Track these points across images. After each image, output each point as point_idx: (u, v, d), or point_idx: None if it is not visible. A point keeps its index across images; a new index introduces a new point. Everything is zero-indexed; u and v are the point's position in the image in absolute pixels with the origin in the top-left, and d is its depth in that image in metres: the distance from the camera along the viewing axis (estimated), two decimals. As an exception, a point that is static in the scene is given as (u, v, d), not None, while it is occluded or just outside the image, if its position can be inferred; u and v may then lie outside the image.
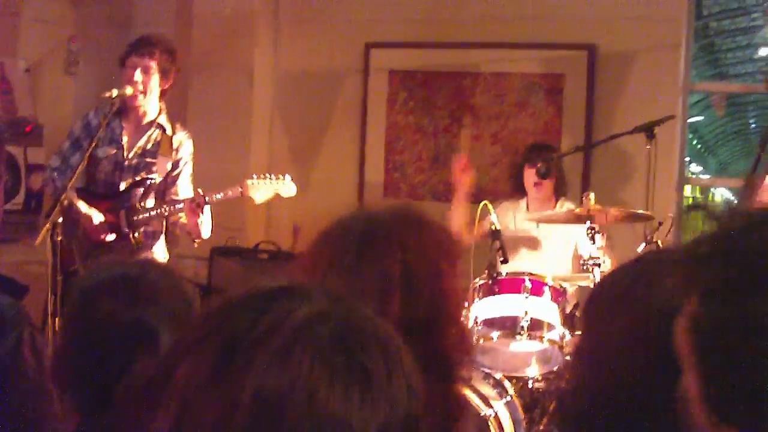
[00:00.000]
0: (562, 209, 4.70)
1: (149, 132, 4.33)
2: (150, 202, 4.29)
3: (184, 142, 4.38)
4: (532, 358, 4.00)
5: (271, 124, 6.27)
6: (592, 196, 4.15)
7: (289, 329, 0.81)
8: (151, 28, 5.37)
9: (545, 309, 3.96)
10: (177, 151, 4.34)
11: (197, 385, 0.80)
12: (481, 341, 3.85)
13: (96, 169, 4.31)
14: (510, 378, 3.75)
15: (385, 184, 6.05)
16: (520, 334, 3.87)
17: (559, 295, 4.03)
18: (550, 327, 3.93)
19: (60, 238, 3.82)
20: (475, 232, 4.06)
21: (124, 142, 4.32)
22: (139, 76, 4.19)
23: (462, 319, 1.66)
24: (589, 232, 4.07)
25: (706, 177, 20.73)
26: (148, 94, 4.25)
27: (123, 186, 4.29)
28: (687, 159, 6.29)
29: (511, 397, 3.43)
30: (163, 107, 4.36)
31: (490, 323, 3.90)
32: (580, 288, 4.53)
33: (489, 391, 3.41)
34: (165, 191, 4.34)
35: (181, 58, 4.44)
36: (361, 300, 0.90)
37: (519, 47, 5.79)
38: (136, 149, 4.32)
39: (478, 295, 3.94)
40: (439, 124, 5.95)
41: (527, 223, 4.84)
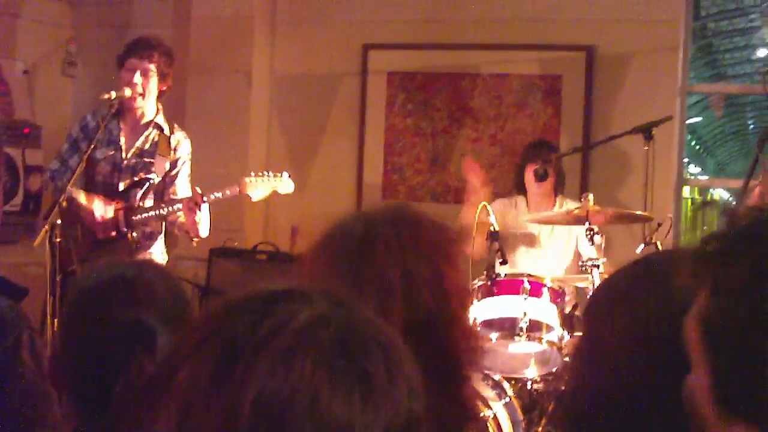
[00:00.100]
0: (562, 209, 4.71)
1: (147, 132, 4.34)
2: (148, 203, 4.29)
3: (182, 142, 4.38)
4: (531, 359, 4.00)
5: (269, 125, 6.27)
6: (591, 197, 4.15)
7: (290, 333, 0.80)
8: (150, 30, 5.36)
9: (544, 310, 3.96)
10: (175, 151, 4.35)
11: (198, 389, 0.80)
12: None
13: (94, 170, 4.31)
14: (509, 379, 3.75)
15: (383, 185, 6.05)
16: (519, 335, 3.87)
17: (557, 296, 4.03)
18: (549, 328, 3.93)
19: (58, 240, 3.83)
20: (473, 246, 4.06)
21: (122, 143, 4.32)
22: (138, 78, 4.20)
23: (468, 317, 1.65)
24: (588, 233, 4.07)
25: (704, 178, 20.75)
26: (147, 96, 4.26)
27: (121, 187, 4.29)
28: (685, 160, 6.29)
29: (510, 398, 3.44)
30: (160, 107, 4.37)
31: (488, 324, 3.90)
32: (578, 289, 4.54)
33: (488, 392, 3.41)
34: (163, 191, 4.34)
35: (178, 60, 4.45)
36: (362, 302, 0.90)
37: (517, 48, 5.80)
38: (134, 150, 4.32)
39: (477, 297, 3.94)
40: (437, 125, 5.95)
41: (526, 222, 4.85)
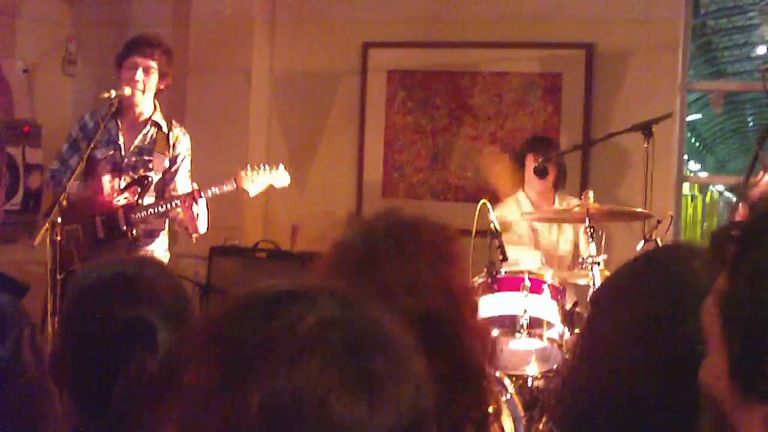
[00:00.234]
0: (562, 206, 4.72)
1: (145, 130, 4.34)
2: (149, 200, 4.29)
3: (181, 138, 4.39)
4: (532, 356, 4.00)
5: (269, 124, 6.27)
6: (591, 194, 4.15)
7: (297, 335, 0.80)
8: (149, 29, 5.36)
9: (544, 307, 3.96)
10: (174, 148, 4.35)
11: (205, 390, 0.80)
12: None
13: (95, 170, 4.32)
14: (509, 376, 3.74)
15: (383, 183, 6.05)
16: (520, 332, 3.87)
17: (558, 293, 4.04)
18: (550, 325, 3.93)
19: (59, 238, 3.83)
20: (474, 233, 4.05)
21: (121, 142, 4.33)
22: (140, 75, 4.21)
23: (477, 314, 1.65)
24: (588, 231, 4.07)
25: (704, 175, 20.74)
26: (146, 93, 4.27)
27: (122, 185, 4.30)
28: (685, 157, 6.29)
29: (510, 395, 3.43)
30: (157, 105, 4.37)
31: (489, 321, 3.90)
32: (579, 286, 4.54)
33: (492, 390, 3.40)
34: (164, 188, 4.35)
35: (178, 60, 4.46)
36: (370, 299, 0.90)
37: (517, 47, 5.80)
38: (132, 148, 4.33)
39: (478, 294, 3.94)
40: (437, 123, 5.95)
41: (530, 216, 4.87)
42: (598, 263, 3.97)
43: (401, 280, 1.51)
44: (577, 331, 4.14)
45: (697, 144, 19.44)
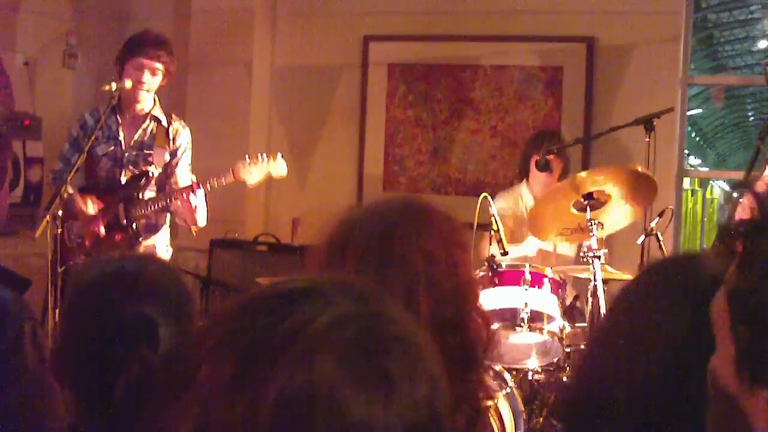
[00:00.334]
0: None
1: (144, 125, 4.35)
2: (150, 194, 4.30)
3: (181, 131, 4.39)
4: (532, 349, 4.00)
5: (270, 118, 6.27)
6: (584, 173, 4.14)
7: (311, 333, 0.80)
8: (149, 23, 5.36)
9: (545, 301, 3.96)
10: (174, 141, 4.36)
11: (220, 388, 0.79)
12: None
13: (97, 166, 4.34)
14: (510, 370, 3.74)
15: (384, 177, 6.05)
16: (520, 325, 3.87)
17: (558, 286, 4.04)
18: (550, 319, 3.93)
19: (60, 231, 3.84)
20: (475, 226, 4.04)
21: (121, 137, 4.33)
22: (147, 77, 4.22)
23: (481, 306, 1.65)
24: (589, 223, 4.07)
25: (704, 169, 20.73)
26: (150, 92, 4.29)
27: (123, 180, 4.30)
28: (685, 151, 6.29)
29: (510, 388, 3.43)
30: (156, 99, 4.38)
31: (490, 314, 3.90)
32: (579, 280, 4.54)
33: (489, 382, 3.41)
34: (165, 182, 4.35)
35: (179, 53, 4.45)
36: (387, 294, 0.89)
37: (518, 40, 5.79)
38: (132, 143, 4.33)
39: (480, 286, 3.94)
40: (438, 117, 5.95)
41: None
42: (599, 257, 3.97)
43: (419, 253, 1.51)
44: (578, 324, 4.15)
45: (697, 138, 19.44)
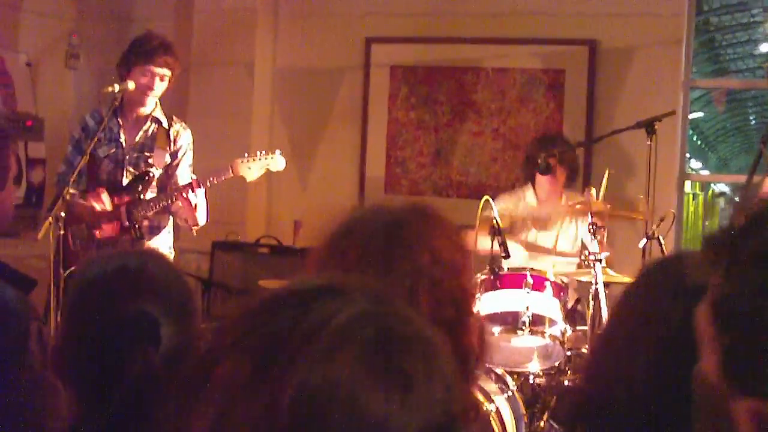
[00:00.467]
0: (564, 206, 4.71)
1: (145, 126, 4.35)
2: (150, 195, 4.30)
3: (181, 133, 4.39)
4: (534, 353, 4.00)
5: (272, 119, 6.27)
6: (594, 191, 4.15)
7: (330, 332, 0.80)
8: (152, 23, 5.37)
9: (547, 304, 3.96)
10: (174, 142, 4.36)
11: (238, 384, 0.80)
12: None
13: (99, 168, 4.34)
14: (511, 373, 3.74)
15: (386, 179, 6.05)
16: (522, 329, 3.87)
17: (560, 290, 4.04)
18: (552, 322, 3.93)
19: (62, 232, 3.84)
20: (476, 231, 4.04)
21: (122, 139, 4.34)
22: (157, 83, 4.22)
23: (477, 313, 1.66)
24: (591, 227, 4.07)
25: (706, 173, 20.73)
26: (156, 97, 4.30)
27: (125, 182, 4.31)
28: (687, 155, 6.29)
29: (512, 392, 3.43)
30: (157, 101, 4.38)
31: (491, 318, 3.91)
32: (581, 283, 4.54)
33: (490, 386, 3.41)
34: (166, 183, 4.36)
35: (181, 53, 4.45)
36: (397, 293, 0.90)
37: (520, 42, 5.79)
38: (134, 144, 4.34)
39: (480, 291, 3.94)
40: (440, 119, 5.95)
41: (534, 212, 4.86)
42: (600, 260, 3.97)
43: (425, 251, 1.51)
44: (579, 328, 4.15)
45: (699, 142, 19.45)
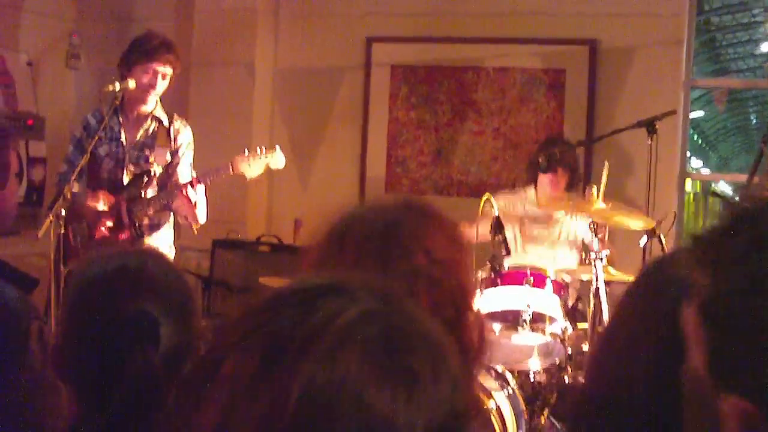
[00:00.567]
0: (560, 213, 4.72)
1: (146, 125, 4.35)
2: (151, 193, 4.30)
3: (182, 130, 4.40)
4: (534, 350, 4.00)
5: (272, 118, 6.27)
6: (595, 189, 4.15)
7: (337, 329, 0.81)
8: (152, 23, 5.37)
9: (547, 302, 3.96)
10: (175, 140, 4.36)
11: (244, 382, 0.80)
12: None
13: (99, 167, 4.34)
14: (511, 370, 3.75)
15: (386, 178, 6.05)
16: (522, 326, 3.88)
17: (561, 288, 4.04)
18: (552, 320, 3.94)
19: (62, 230, 3.84)
20: (477, 227, 4.04)
21: (123, 137, 4.34)
22: (160, 81, 4.23)
23: (476, 309, 1.65)
24: (591, 225, 4.07)
25: (706, 172, 20.72)
26: (157, 95, 4.31)
27: (125, 180, 4.31)
28: (688, 154, 6.28)
29: (512, 389, 3.44)
30: (158, 100, 4.38)
31: (492, 316, 3.91)
32: (582, 281, 4.53)
33: (491, 383, 3.42)
34: (167, 181, 4.36)
35: (181, 53, 4.45)
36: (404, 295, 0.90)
37: (521, 42, 5.79)
38: (134, 143, 4.34)
39: (480, 288, 3.95)
40: (441, 118, 5.95)
41: (535, 212, 4.86)
42: (601, 259, 3.97)
43: (421, 250, 1.51)
44: (580, 326, 4.15)
45: (699, 141, 19.44)
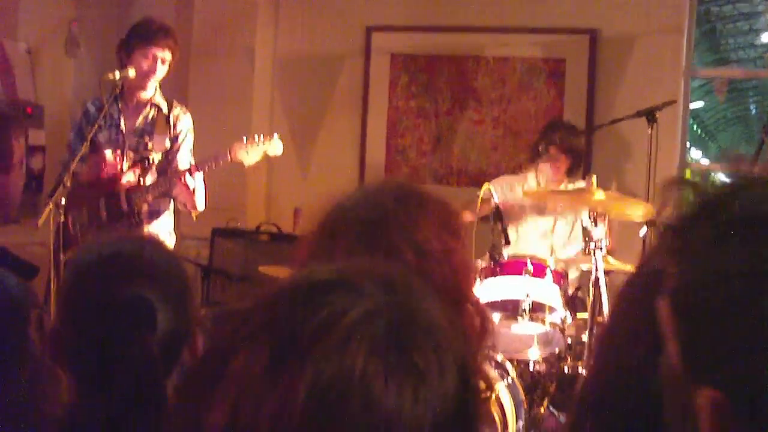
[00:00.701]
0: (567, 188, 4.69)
1: (145, 112, 4.35)
2: (150, 180, 4.30)
3: (182, 117, 4.39)
4: (534, 340, 4.01)
5: (272, 107, 6.27)
6: (594, 178, 4.14)
7: (344, 326, 0.81)
8: (152, 10, 5.35)
9: (547, 291, 3.97)
10: (174, 127, 4.36)
11: (253, 378, 0.80)
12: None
13: (98, 153, 4.33)
14: (511, 360, 3.75)
15: (386, 166, 6.06)
16: (522, 316, 3.88)
17: (560, 277, 4.04)
18: (552, 309, 3.94)
19: (62, 219, 3.84)
20: (477, 213, 4.03)
21: (122, 124, 4.34)
22: (159, 66, 4.22)
23: (475, 295, 1.64)
24: (591, 215, 4.06)
25: (706, 162, 20.72)
26: (157, 81, 4.30)
27: (125, 167, 4.31)
28: (687, 144, 6.28)
29: (512, 378, 3.44)
30: (158, 86, 4.38)
31: (491, 305, 3.91)
32: (582, 271, 4.54)
33: (490, 372, 3.42)
34: (167, 168, 4.36)
35: (181, 41, 4.44)
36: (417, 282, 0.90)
37: (521, 31, 5.78)
38: (134, 130, 4.34)
39: (481, 277, 3.95)
40: (440, 107, 5.95)
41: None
42: (601, 248, 3.97)
43: (409, 244, 1.50)
44: (579, 315, 4.16)
45: (699, 131, 19.43)
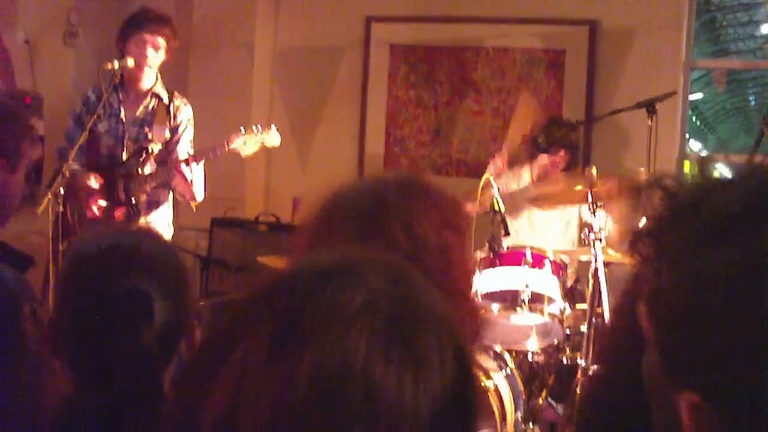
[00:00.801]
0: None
1: (146, 102, 4.35)
2: (149, 170, 4.30)
3: (182, 108, 4.40)
4: (532, 331, 4.02)
5: (272, 98, 6.26)
6: (594, 170, 4.14)
7: (346, 314, 0.81)
8: (151, 1, 5.33)
9: (546, 282, 3.97)
10: (175, 117, 4.36)
11: (255, 365, 0.81)
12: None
13: (98, 143, 4.34)
14: (510, 351, 3.76)
15: (385, 157, 6.05)
16: (521, 307, 3.88)
17: (559, 268, 4.04)
18: (551, 300, 3.94)
19: (61, 209, 3.84)
20: (477, 205, 4.03)
21: (122, 114, 4.34)
22: (150, 52, 4.22)
23: (471, 291, 1.63)
24: (591, 207, 4.06)
25: (705, 154, 20.71)
26: (153, 69, 4.29)
27: (124, 157, 4.31)
28: (687, 135, 6.28)
29: (510, 369, 3.45)
30: (158, 76, 4.38)
31: (490, 296, 3.91)
32: (581, 262, 4.54)
33: (489, 363, 3.42)
34: (167, 158, 4.36)
35: (181, 33, 4.44)
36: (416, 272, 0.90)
37: (521, 22, 5.77)
38: (134, 120, 4.34)
39: (480, 268, 3.95)
40: (440, 98, 5.94)
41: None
42: (600, 240, 3.97)
43: (405, 234, 1.49)
44: (578, 306, 4.16)
45: (698, 123, 19.41)
